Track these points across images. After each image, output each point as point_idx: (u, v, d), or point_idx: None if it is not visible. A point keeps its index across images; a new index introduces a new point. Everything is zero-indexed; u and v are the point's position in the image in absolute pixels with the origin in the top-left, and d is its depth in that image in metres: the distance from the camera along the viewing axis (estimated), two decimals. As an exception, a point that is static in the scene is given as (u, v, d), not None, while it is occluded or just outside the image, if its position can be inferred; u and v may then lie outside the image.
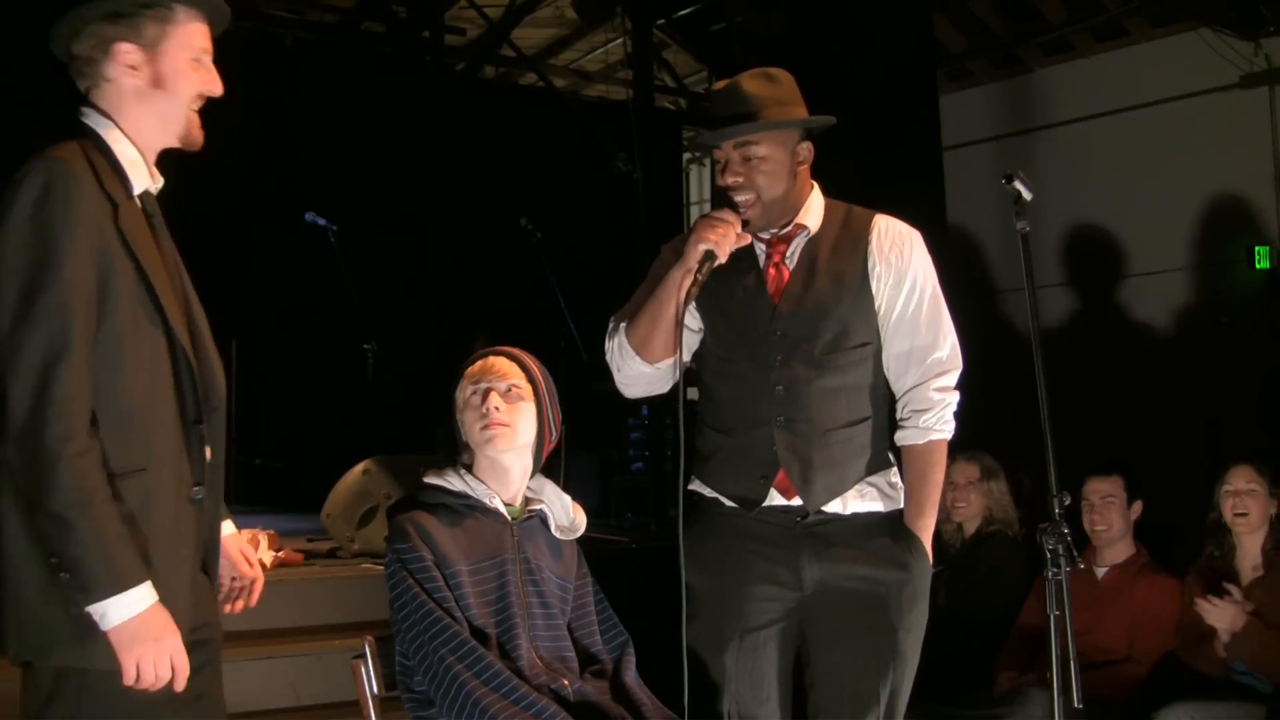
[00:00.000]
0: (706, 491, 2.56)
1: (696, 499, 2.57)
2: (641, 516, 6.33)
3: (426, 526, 2.34)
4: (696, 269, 2.36)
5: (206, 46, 2.08)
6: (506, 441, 2.42)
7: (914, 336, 2.50)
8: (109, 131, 2.02)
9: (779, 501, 2.47)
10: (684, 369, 2.46)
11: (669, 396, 2.55)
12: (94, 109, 2.03)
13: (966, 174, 7.24)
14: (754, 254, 2.51)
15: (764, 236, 2.51)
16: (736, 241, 2.40)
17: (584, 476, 6.29)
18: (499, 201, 7.30)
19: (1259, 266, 6.99)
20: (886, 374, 2.54)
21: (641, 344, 2.46)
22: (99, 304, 1.90)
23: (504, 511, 2.43)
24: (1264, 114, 7.05)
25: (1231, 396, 6.47)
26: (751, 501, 2.48)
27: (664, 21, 8.20)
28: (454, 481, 2.42)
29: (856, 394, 2.49)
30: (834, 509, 2.46)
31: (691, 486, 2.57)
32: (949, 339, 2.53)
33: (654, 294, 2.44)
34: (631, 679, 2.43)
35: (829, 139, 2.57)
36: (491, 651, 2.27)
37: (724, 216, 2.40)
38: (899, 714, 2.49)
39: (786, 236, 2.51)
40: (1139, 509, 3.81)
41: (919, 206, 3.85)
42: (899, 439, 2.54)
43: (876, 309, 2.49)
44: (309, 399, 6.99)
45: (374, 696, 2.40)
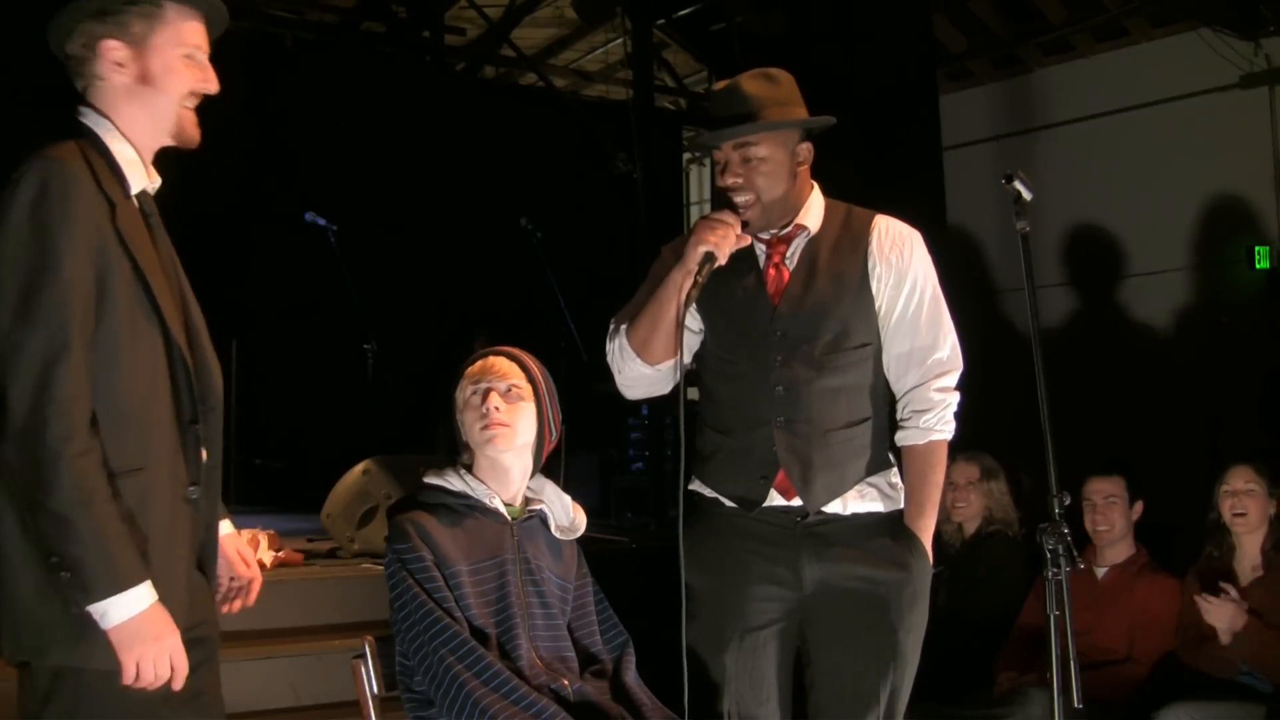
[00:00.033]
0: (706, 492, 2.56)
1: (696, 499, 2.57)
2: (641, 516, 6.33)
3: (426, 526, 2.34)
4: (696, 271, 2.35)
5: (200, 44, 2.07)
6: (506, 441, 2.42)
7: (914, 337, 2.50)
8: (106, 131, 2.01)
9: (779, 502, 2.47)
10: (685, 370, 2.45)
11: (669, 397, 2.56)
12: (91, 108, 2.03)
13: (966, 174, 7.23)
14: (754, 255, 2.51)
15: (764, 237, 2.51)
16: (736, 242, 2.40)
17: (584, 476, 6.29)
18: (499, 201, 7.29)
19: (1259, 266, 6.98)
20: (887, 374, 2.54)
21: (642, 346, 2.46)
22: (97, 304, 1.90)
23: (504, 511, 2.43)
24: (1264, 114, 7.04)
25: (1231, 396, 6.47)
26: (751, 502, 2.48)
27: (664, 21, 8.18)
28: (454, 481, 2.42)
29: (856, 394, 2.49)
30: (834, 509, 2.46)
31: (691, 487, 2.57)
32: (949, 339, 2.52)
33: (654, 296, 2.44)
34: (631, 679, 2.43)
35: (829, 139, 2.57)
36: (491, 651, 2.27)
37: (724, 218, 2.40)
38: (899, 714, 2.48)
39: (786, 237, 2.51)
40: (1140, 509, 3.82)
41: (919, 206, 3.86)
42: (899, 439, 2.53)
43: (877, 309, 2.49)
44: (309, 399, 6.97)
45: (374, 696, 2.40)
